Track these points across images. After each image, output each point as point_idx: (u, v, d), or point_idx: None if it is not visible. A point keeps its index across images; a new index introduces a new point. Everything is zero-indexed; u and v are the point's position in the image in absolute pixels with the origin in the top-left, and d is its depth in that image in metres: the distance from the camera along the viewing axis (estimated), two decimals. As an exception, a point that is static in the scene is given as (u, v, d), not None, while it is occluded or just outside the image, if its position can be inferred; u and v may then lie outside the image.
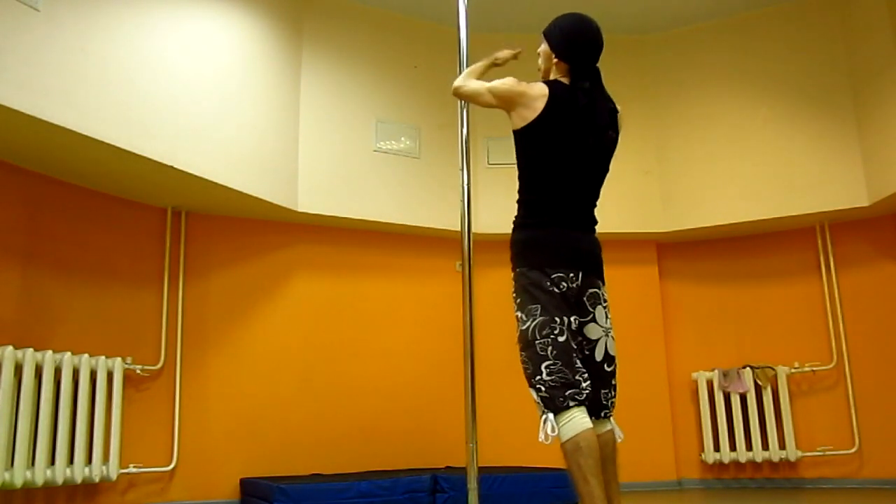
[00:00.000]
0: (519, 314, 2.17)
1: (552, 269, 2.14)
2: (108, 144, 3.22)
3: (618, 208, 4.93)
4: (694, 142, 5.00)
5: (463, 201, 2.65)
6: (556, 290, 2.13)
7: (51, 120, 2.96)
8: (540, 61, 2.36)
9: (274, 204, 4.14)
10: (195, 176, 3.65)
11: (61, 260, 3.65)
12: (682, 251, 5.20)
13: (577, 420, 2.02)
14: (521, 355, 2.16)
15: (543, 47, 2.34)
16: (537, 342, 2.10)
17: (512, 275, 2.22)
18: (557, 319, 2.11)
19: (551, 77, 2.31)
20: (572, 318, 2.15)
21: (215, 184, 3.77)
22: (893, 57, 4.26)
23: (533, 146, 2.22)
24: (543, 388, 2.07)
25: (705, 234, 5.07)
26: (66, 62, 3.08)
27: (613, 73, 5.01)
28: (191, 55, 3.74)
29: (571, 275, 2.15)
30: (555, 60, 2.30)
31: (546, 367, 2.08)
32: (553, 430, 2.02)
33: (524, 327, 2.14)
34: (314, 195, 4.38)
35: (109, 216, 3.90)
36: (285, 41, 4.38)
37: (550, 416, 2.04)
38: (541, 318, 2.11)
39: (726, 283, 5.10)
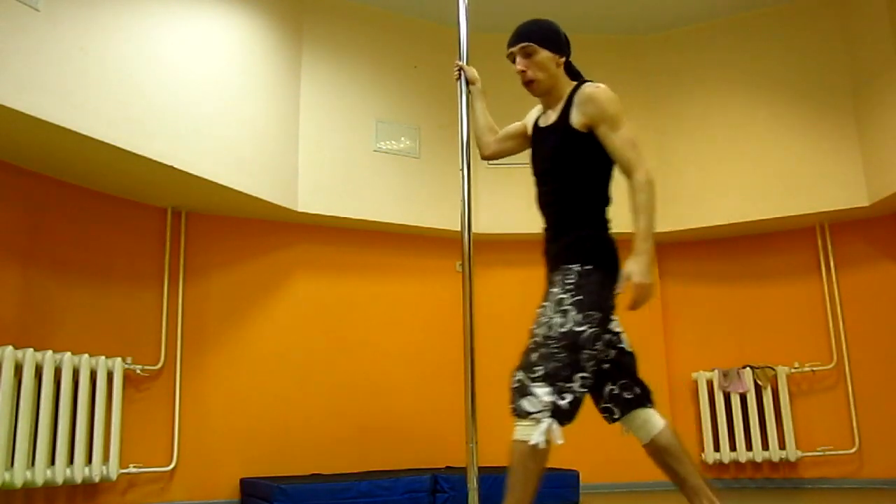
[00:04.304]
0: (574, 313, 2.01)
1: (617, 282, 2.11)
2: (108, 144, 3.22)
3: (618, 208, 4.92)
4: (694, 142, 5.00)
5: (463, 201, 2.65)
6: (612, 302, 2.10)
7: (51, 120, 2.97)
8: (538, 74, 2.22)
9: (274, 204, 4.14)
10: (195, 176, 3.65)
11: (61, 260, 3.65)
12: (682, 251, 5.20)
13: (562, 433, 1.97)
14: (555, 352, 1.97)
15: (543, 54, 2.22)
16: (585, 351, 1.99)
17: (575, 267, 2.08)
18: (605, 336, 2.08)
19: (557, 86, 2.24)
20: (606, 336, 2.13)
21: (215, 184, 3.77)
22: (893, 57, 4.27)
23: (593, 151, 2.20)
24: (569, 398, 1.94)
25: (705, 234, 5.07)
26: (66, 62, 3.08)
27: (613, 73, 5.05)
28: (191, 55, 3.74)
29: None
30: (562, 61, 2.24)
31: (581, 379, 1.98)
32: (559, 439, 1.92)
33: (579, 329, 1.99)
34: (314, 195, 4.38)
35: (109, 216, 3.90)
36: (285, 41, 4.38)
37: (555, 423, 1.92)
38: (597, 328, 2.02)
39: (726, 283, 5.10)
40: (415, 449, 4.51)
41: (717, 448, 4.79)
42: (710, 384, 4.87)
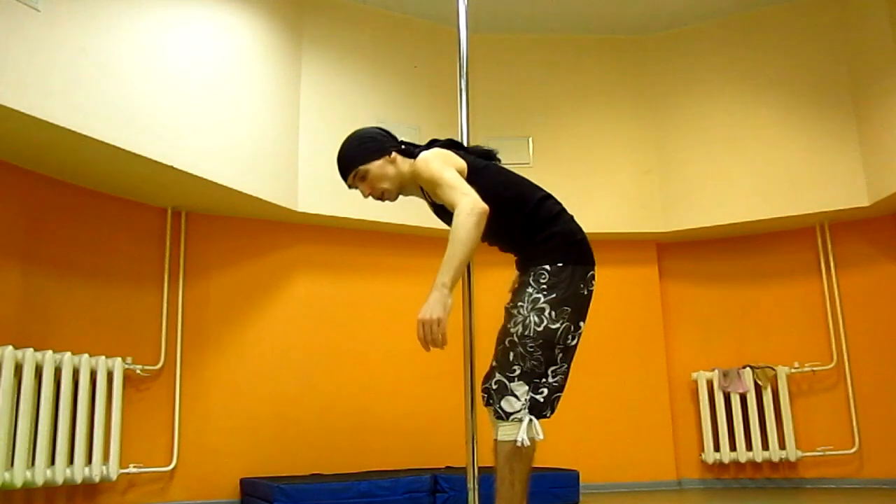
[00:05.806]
0: (548, 310, 2.05)
1: (592, 267, 2.13)
2: (108, 144, 3.22)
3: (618, 208, 4.93)
4: (694, 142, 5.00)
5: (463, 201, 2.65)
6: (586, 291, 2.11)
7: (51, 120, 2.96)
8: (383, 185, 2.28)
9: (274, 204, 4.14)
10: (195, 176, 3.65)
11: (61, 260, 3.65)
12: (682, 251, 5.20)
13: (542, 427, 2.03)
14: (531, 350, 2.04)
15: (374, 168, 2.25)
16: (558, 347, 2.06)
17: (546, 267, 2.08)
18: (576, 326, 2.09)
19: (406, 176, 2.30)
20: (583, 324, 2.13)
21: (215, 184, 3.77)
22: (893, 57, 4.27)
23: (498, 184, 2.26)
24: (545, 391, 2.04)
25: (705, 234, 5.07)
26: (66, 62, 3.08)
27: (613, 73, 5.05)
28: (191, 55, 3.74)
29: (592, 273, 2.15)
30: (393, 156, 2.28)
31: (553, 371, 2.07)
32: (540, 435, 1.98)
33: (554, 327, 2.04)
34: (314, 195, 4.38)
35: (109, 216, 3.90)
36: (285, 41, 4.38)
37: (534, 419, 2.00)
38: (568, 322, 2.06)
39: (726, 283, 5.10)
40: (415, 449, 4.51)
41: (717, 448, 4.79)
42: (710, 384, 4.87)
